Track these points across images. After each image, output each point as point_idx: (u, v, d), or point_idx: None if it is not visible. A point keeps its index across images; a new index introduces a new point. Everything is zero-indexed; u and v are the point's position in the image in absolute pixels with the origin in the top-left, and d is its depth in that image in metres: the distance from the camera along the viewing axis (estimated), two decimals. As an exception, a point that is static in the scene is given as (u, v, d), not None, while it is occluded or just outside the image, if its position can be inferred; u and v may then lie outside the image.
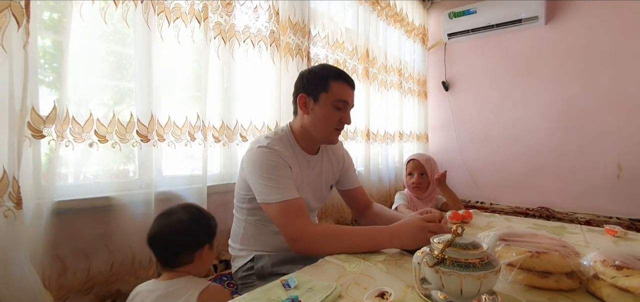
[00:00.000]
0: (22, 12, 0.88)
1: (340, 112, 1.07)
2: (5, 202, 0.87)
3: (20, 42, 0.88)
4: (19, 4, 0.87)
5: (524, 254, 0.70)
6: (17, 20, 0.87)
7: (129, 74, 1.24)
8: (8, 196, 0.87)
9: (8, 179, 0.87)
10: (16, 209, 0.88)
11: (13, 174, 0.88)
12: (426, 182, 1.73)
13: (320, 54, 2.03)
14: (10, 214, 0.88)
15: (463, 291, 0.58)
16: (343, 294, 0.66)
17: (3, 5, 0.85)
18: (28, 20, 0.89)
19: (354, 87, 1.12)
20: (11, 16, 0.86)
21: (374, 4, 2.46)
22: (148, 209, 1.23)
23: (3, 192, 0.87)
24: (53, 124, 1.01)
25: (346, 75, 1.10)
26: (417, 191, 1.73)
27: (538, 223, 1.35)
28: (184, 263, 0.87)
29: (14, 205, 0.88)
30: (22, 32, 0.88)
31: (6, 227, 0.87)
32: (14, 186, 0.88)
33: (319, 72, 1.09)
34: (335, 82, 1.07)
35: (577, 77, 2.61)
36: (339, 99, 1.06)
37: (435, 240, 0.64)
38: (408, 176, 1.74)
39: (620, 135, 2.46)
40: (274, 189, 0.94)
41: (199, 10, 1.37)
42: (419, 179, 1.71)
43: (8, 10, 0.86)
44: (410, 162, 1.75)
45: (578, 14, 2.59)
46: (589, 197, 2.58)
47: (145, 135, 1.22)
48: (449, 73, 3.20)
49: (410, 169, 1.74)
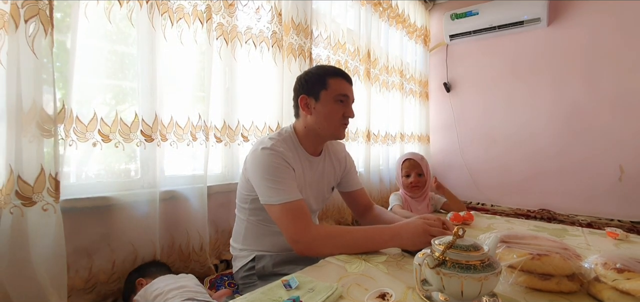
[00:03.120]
0: (48, 19, 0.91)
1: (343, 105, 1.09)
2: (12, 200, 0.88)
3: (48, 48, 0.92)
4: (45, 12, 0.90)
5: (525, 256, 0.70)
6: (44, 27, 0.91)
7: (132, 73, 1.25)
8: (15, 194, 0.89)
9: (14, 177, 0.88)
10: (23, 207, 0.90)
11: (18, 173, 0.89)
12: (423, 181, 1.70)
13: (322, 55, 2.03)
14: (16, 211, 0.89)
15: (464, 292, 0.58)
16: (344, 294, 0.66)
17: (31, 11, 0.88)
18: (53, 27, 0.93)
19: (352, 83, 1.14)
20: (40, 23, 0.90)
21: (376, 5, 2.46)
22: (150, 208, 1.23)
23: (10, 191, 0.88)
24: (62, 123, 1.02)
25: (342, 71, 1.13)
26: (414, 190, 1.71)
27: (539, 225, 1.35)
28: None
29: (22, 203, 0.89)
30: (49, 39, 0.92)
31: (15, 226, 0.89)
32: (19, 184, 0.89)
33: (316, 72, 1.12)
34: (333, 78, 1.09)
35: (580, 79, 2.60)
36: (339, 94, 1.08)
37: (436, 242, 0.64)
38: (405, 177, 1.71)
39: (623, 138, 2.45)
40: (277, 191, 0.94)
41: (202, 11, 1.37)
42: (417, 178, 1.68)
43: (37, 17, 0.89)
44: (406, 163, 1.72)
45: (580, 16, 2.58)
46: (591, 200, 2.58)
47: (149, 135, 1.22)
48: (451, 74, 3.20)
49: (407, 170, 1.71)
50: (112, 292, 1.17)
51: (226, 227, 1.58)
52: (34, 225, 0.92)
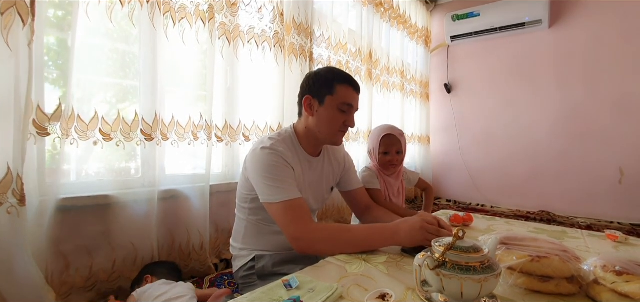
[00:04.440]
0: (28, 10, 0.89)
1: (345, 115, 1.08)
2: (9, 199, 0.88)
3: (25, 40, 0.89)
4: (24, 2, 0.88)
5: (525, 258, 0.70)
6: (22, 18, 0.88)
7: (133, 73, 1.25)
8: (12, 192, 0.88)
9: (12, 176, 0.88)
10: (19, 206, 0.89)
11: (17, 172, 0.89)
12: (401, 159, 1.57)
13: (323, 55, 2.04)
14: (13, 211, 0.89)
15: (463, 294, 0.59)
16: (344, 295, 0.66)
17: (8, 4, 0.86)
18: (33, 18, 0.90)
19: (359, 92, 1.13)
20: (16, 14, 0.87)
21: (378, 6, 2.46)
22: (150, 207, 1.24)
23: (7, 189, 0.88)
24: (58, 121, 1.02)
25: (352, 79, 1.11)
26: (390, 169, 1.57)
27: (539, 227, 1.35)
28: None
29: (18, 202, 0.89)
30: (27, 31, 0.89)
31: (10, 224, 0.88)
32: (18, 183, 0.89)
33: (325, 75, 1.10)
34: (341, 85, 1.07)
35: (580, 81, 2.60)
36: (344, 103, 1.07)
37: (436, 243, 0.64)
38: (382, 154, 1.54)
39: (623, 141, 2.45)
40: (277, 189, 0.95)
41: (205, 10, 1.37)
42: (395, 156, 1.54)
43: (13, 9, 0.86)
44: (384, 138, 1.54)
45: (582, 18, 2.59)
46: (590, 202, 2.58)
47: (149, 134, 1.23)
48: (452, 75, 3.20)
49: (386, 147, 1.54)
50: (112, 290, 1.17)
51: (226, 227, 1.58)
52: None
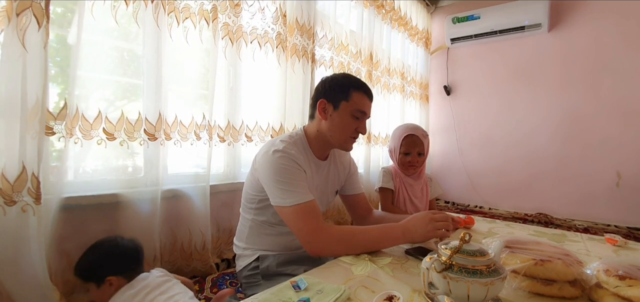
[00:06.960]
0: (43, 12, 0.89)
1: (357, 121, 1.10)
2: (24, 197, 0.89)
3: (41, 42, 0.90)
4: (39, 4, 0.89)
5: (529, 262, 0.71)
6: (37, 20, 0.89)
7: (137, 72, 1.25)
8: (27, 191, 0.89)
9: (27, 174, 0.89)
10: (35, 205, 0.90)
11: (33, 171, 0.90)
12: (422, 160, 1.52)
13: (325, 56, 2.04)
14: (28, 209, 0.89)
15: (470, 297, 0.60)
16: (352, 296, 0.67)
17: (24, 5, 0.86)
18: (48, 20, 0.91)
19: (372, 99, 1.15)
20: (32, 16, 0.88)
21: (379, 7, 2.47)
22: (153, 206, 1.24)
23: (22, 188, 0.88)
24: (63, 121, 1.02)
25: (367, 87, 1.13)
26: (410, 169, 1.52)
27: (538, 229, 1.36)
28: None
29: (33, 200, 0.90)
30: (42, 32, 0.90)
31: (23, 222, 0.89)
32: (33, 182, 0.90)
33: (341, 81, 1.11)
34: (357, 92, 1.09)
35: (579, 85, 2.63)
36: (358, 110, 1.09)
37: (443, 246, 0.65)
38: (403, 154, 1.49)
39: (621, 144, 2.48)
40: (289, 193, 0.95)
41: (208, 10, 1.38)
42: (416, 157, 1.49)
43: (29, 11, 0.87)
44: (406, 138, 1.48)
45: (581, 22, 2.61)
46: (588, 205, 2.61)
47: (153, 133, 1.23)
48: (451, 78, 3.22)
49: (408, 147, 1.48)
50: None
51: (228, 226, 1.59)
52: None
